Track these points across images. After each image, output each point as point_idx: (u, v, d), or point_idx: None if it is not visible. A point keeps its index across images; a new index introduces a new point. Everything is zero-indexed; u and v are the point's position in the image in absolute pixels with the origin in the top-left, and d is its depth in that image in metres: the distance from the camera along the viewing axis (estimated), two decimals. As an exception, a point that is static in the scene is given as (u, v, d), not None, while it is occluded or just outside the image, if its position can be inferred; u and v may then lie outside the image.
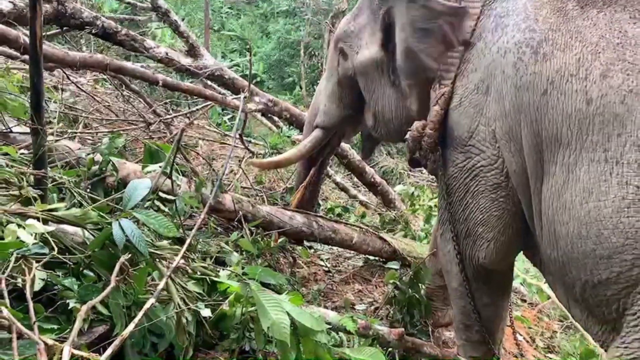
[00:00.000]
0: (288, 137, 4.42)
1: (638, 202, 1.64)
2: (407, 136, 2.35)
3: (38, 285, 1.58)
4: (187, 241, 1.93)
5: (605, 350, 1.89)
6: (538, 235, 2.02)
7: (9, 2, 3.41)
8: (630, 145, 1.68)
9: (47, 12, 3.48)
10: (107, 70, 3.30)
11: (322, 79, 3.03)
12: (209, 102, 4.11)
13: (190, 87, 3.78)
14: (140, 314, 1.52)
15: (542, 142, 1.89)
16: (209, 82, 4.66)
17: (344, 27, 2.69)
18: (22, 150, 2.42)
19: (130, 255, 1.71)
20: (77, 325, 1.33)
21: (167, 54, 4.07)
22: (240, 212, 2.96)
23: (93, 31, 3.75)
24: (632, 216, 1.65)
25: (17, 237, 1.60)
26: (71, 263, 1.71)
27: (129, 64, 3.56)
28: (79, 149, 2.77)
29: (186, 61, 4.16)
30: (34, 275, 1.48)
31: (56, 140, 2.68)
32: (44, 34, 3.56)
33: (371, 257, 3.66)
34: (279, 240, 3.06)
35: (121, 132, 3.26)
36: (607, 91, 1.74)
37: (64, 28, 3.95)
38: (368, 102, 2.64)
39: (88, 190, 2.35)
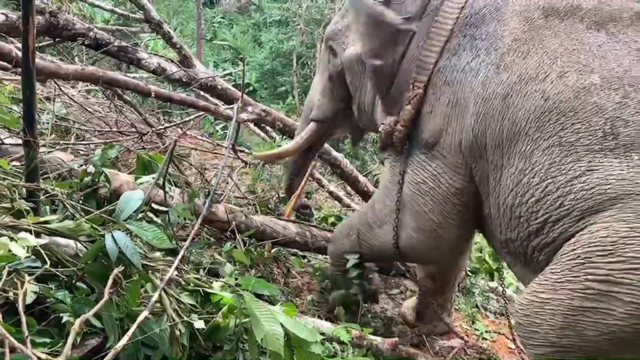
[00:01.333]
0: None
1: (588, 172, 1.91)
2: (380, 129, 2.58)
3: (30, 299, 1.57)
4: (180, 253, 1.92)
5: None
6: (494, 226, 2.27)
7: (1, 13, 3.40)
8: (583, 131, 1.95)
9: (40, 24, 3.48)
10: (100, 83, 3.29)
11: (315, 76, 3.21)
12: (201, 112, 4.11)
13: (183, 98, 3.79)
14: (133, 327, 1.51)
15: (503, 140, 2.13)
16: (202, 93, 4.67)
17: (333, 27, 2.93)
18: (14, 162, 2.41)
19: (123, 267, 1.70)
20: (71, 339, 1.32)
21: (159, 64, 4.07)
22: (233, 222, 2.96)
23: (85, 42, 3.75)
24: (583, 182, 1.92)
25: (9, 251, 1.59)
26: (64, 276, 1.70)
27: (121, 76, 3.56)
28: (72, 160, 2.77)
29: (179, 72, 4.16)
30: (26, 289, 1.47)
31: (48, 152, 2.67)
32: (36, 45, 3.55)
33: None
34: (272, 250, 3.06)
35: (114, 143, 3.25)
36: (563, 89, 2.01)
37: (57, 39, 3.94)
38: (353, 95, 2.86)
39: (80, 202, 2.34)
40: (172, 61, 4.21)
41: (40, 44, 4.12)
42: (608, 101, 1.93)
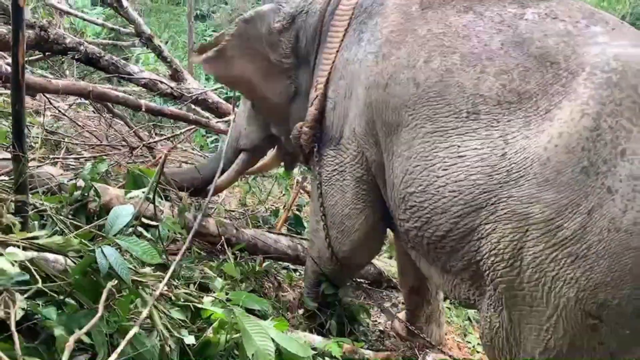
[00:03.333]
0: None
1: (459, 159, 1.88)
2: (291, 135, 2.61)
3: (18, 315, 1.56)
4: (171, 269, 1.91)
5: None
6: (395, 216, 2.24)
7: (-8, 27, 3.41)
8: (447, 114, 1.95)
9: (30, 38, 3.48)
10: (91, 97, 3.28)
11: (240, 104, 3.13)
12: (192, 126, 4.11)
13: (174, 111, 3.79)
14: (123, 343, 1.50)
15: (388, 128, 2.16)
16: (193, 106, 4.67)
17: None
18: (2, 177, 2.39)
19: (115, 282, 1.69)
20: (66, 356, 1.31)
21: (150, 79, 4.07)
22: (224, 236, 2.95)
23: (76, 57, 3.74)
24: (455, 171, 1.89)
25: (-2, 267, 1.57)
26: (53, 292, 1.68)
27: (111, 91, 3.55)
28: (61, 174, 2.75)
29: (170, 86, 4.16)
30: (17, 309, 1.46)
31: (38, 167, 2.66)
32: (26, 59, 3.56)
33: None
34: (264, 265, 3.05)
35: (104, 157, 3.24)
36: (429, 74, 2.02)
37: (47, 53, 3.93)
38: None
39: (70, 216, 2.33)
40: (162, 82, 4.19)
41: (30, 58, 4.10)
42: (467, 79, 1.92)
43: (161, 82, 4.17)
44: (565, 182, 1.63)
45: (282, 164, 3.26)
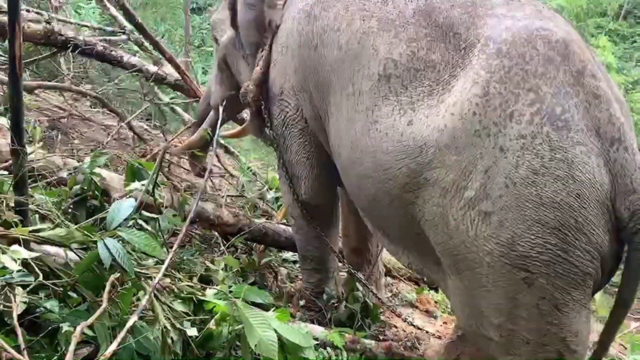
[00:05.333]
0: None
1: (374, 124, 1.94)
2: (240, 93, 2.74)
3: (20, 309, 1.56)
4: (169, 256, 1.91)
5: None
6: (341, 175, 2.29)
7: (-1, 11, 3.50)
8: (363, 76, 2.00)
9: (39, 32, 3.76)
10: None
11: (212, 65, 3.36)
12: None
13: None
14: (122, 332, 1.52)
15: (321, 88, 2.25)
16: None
17: (215, 17, 3.07)
18: (2, 171, 2.38)
19: (118, 275, 1.69)
20: (72, 347, 1.35)
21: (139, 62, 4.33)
22: (238, 225, 3.04)
23: (79, 48, 3.93)
24: (371, 137, 1.94)
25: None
26: (55, 287, 1.68)
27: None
28: (63, 166, 2.75)
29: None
30: (19, 303, 1.46)
31: (37, 160, 2.64)
32: (35, 58, 3.67)
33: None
34: (263, 260, 3.07)
35: (104, 150, 3.23)
36: (349, 36, 2.09)
37: (56, 47, 4.03)
38: (237, 79, 2.93)
39: (70, 208, 2.32)
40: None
41: (40, 57, 4.19)
42: (381, 43, 1.98)
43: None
44: (461, 146, 1.72)
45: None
